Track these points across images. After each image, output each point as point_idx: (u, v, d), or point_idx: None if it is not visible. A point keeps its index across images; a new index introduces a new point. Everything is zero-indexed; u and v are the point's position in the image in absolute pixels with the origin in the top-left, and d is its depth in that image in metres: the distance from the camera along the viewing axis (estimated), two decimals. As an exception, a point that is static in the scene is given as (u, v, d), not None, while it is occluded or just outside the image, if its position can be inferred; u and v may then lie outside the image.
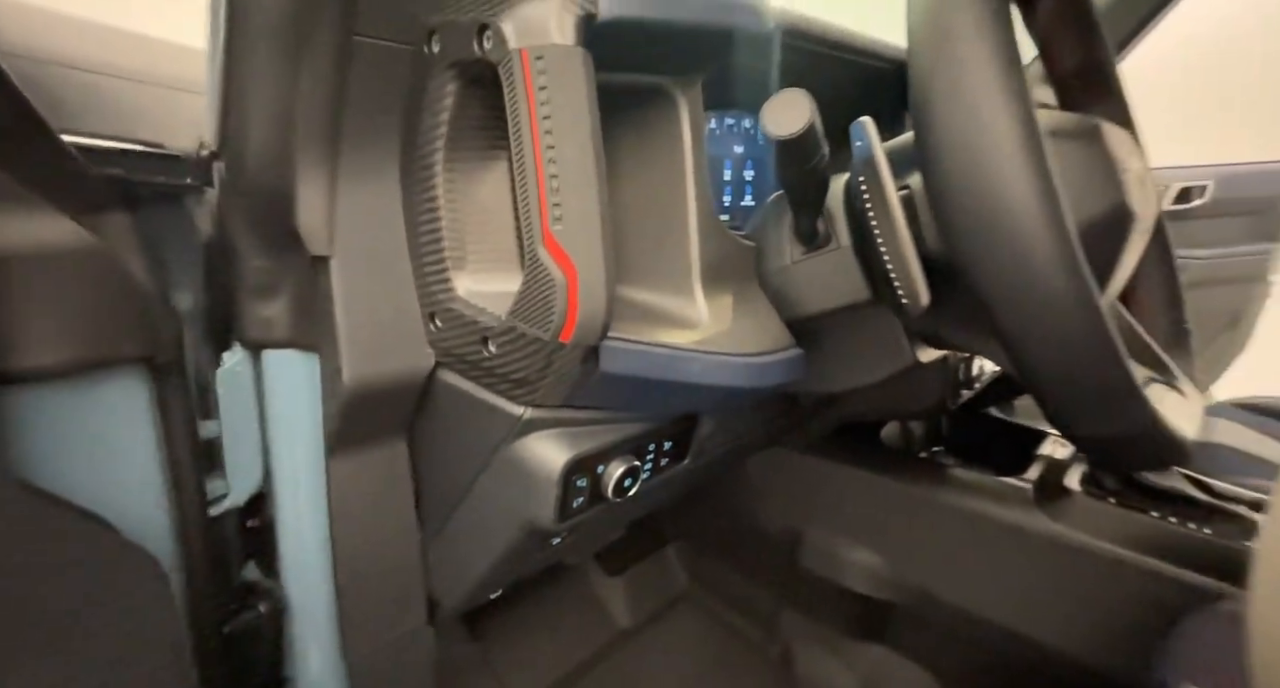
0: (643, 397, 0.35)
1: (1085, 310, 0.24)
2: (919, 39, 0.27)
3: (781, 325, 0.38)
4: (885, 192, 0.30)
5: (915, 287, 0.31)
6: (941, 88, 0.26)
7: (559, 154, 0.27)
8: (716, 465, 0.55)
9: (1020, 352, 0.27)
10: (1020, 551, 0.59)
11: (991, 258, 0.25)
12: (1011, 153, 0.24)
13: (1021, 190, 0.24)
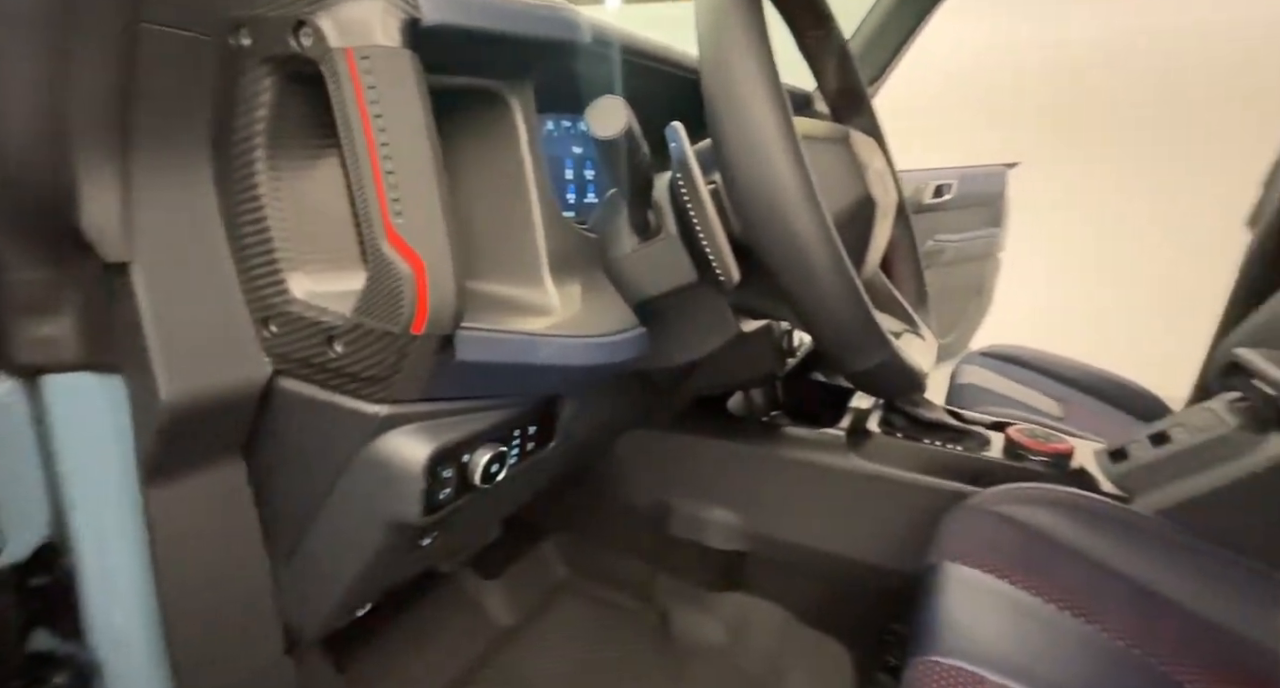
0: (502, 383, 0.36)
1: (840, 274, 0.32)
2: (705, 62, 0.33)
3: (626, 309, 0.42)
4: (697, 187, 0.35)
5: (728, 266, 0.37)
6: (724, 105, 0.32)
7: (394, 151, 0.27)
8: (586, 449, 0.58)
9: (801, 309, 0.34)
10: (839, 487, 0.71)
11: (773, 238, 0.32)
12: (779, 156, 0.31)
13: (788, 185, 0.31)
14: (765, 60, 0.31)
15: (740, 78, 0.31)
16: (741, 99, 0.31)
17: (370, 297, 0.29)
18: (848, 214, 0.40)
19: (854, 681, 0.76)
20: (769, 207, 0.31)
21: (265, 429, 0.35)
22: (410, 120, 0.27)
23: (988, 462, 0.66)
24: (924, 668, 0.39)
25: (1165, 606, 0.47)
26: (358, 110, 0.27)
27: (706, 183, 0.36)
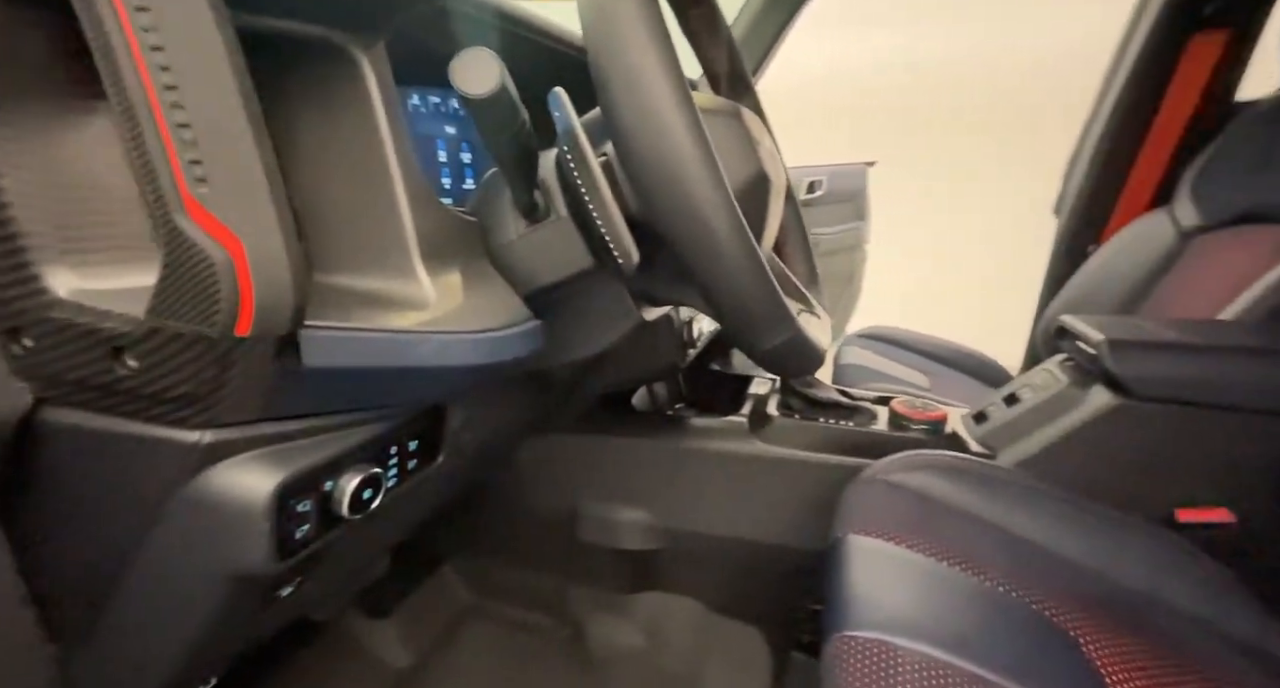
0: (371, 392, 0.30)
1: (746, 250, 0.30)
2: (592, 25, 0.30)
3: (516, 300, 0.37)
4: (587, 160, 0.32)
5: (626, 248, 0.34)
6: (615, 70, 0.29)
7: (187, 97, 0.21)
8: (482, 462, 0.52)
9: (708, 287, 0.32)
10: (746, 473, 0.72)
11: (676, 212, 0.29)
12: (678, 125, 0.28)
13: (690, 155, 0.29)
14: (657, 24, 0.29)
15: (631, 42, 0.28)
16: (634, 64, 0.28)
17: (168, 291, 0.22)
18: (744, 191, 0.38)
19: (771, 662, 0.77)
20: (670, 179, 0.29)
21: (30, 477, 0.27)
22: (206, 55, 0.21)
23: (877, 434, 0.70)
24: (841, 644, 0.40)
25: (1032, 549, 0.52)
26: (125, 45, 0.20)
27: (597, 156, 0.33)
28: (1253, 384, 0.56)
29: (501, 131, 0.30)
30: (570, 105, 0.33)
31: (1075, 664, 0.40)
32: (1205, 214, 0.93)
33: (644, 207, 0.31)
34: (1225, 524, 0.56)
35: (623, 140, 0.29)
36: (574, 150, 0.32)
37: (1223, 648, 0.44)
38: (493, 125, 0.30)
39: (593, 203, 0.33)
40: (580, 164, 0.32)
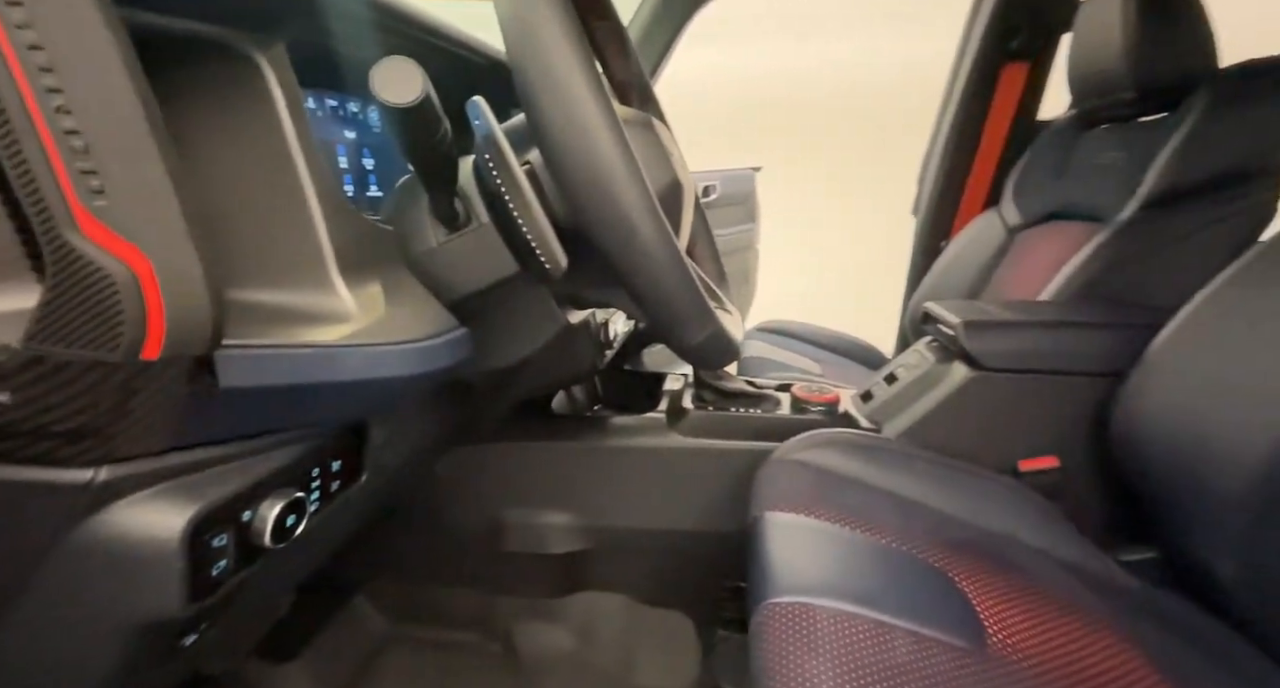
0: (293, 411, 0.28)
1: (671, 252, 0.32)
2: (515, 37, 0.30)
3: (440, 309, 0.37)
4: (511, 167, 0.33)
5: (553, 253, 0.35)
6: (541, 82, 0.30)
7: (74, 101, 0.19)
8: (400, 479, 0.50)
9: (634, 289, 0.33)
10: (666, 465, 0.75)
11: (604, 219, 0.31)
12: (605, 135, 0.30)
13: (617, 165, 0.30)
14: (578, 36, 0.30)
15: (556, 54, 0.29)
16: (560, 76, 0.29)
17: (55, 315, 0.20)
18: (662, 198, 0.40)
19: (699, 643, 0.81)
20: (601, 188, 0.30)
21: None
22: (95, 55, 0.19)
23: (782, 419, 0.76)
24: (766, 612, 0.43)
25: (914, 507, 0.59)
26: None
27: (520, 164, 0.34)
28: (1072, 352, 0.68)
29: (423, 141, 0.30)
30: (491, 114, 0.33)
31: (955, 600, 0.46)
32: (1024, 214, 1.12)
33: (572, 213, 0.32)
34: (1053, 469, 0.68)
35: (552, 151, 0.30)
36: (496, 158, 0.33)
37: (1057, 570, 0.54)
38: (415, 134, 0.29)
39: (518, 210, 0.33)
40: (504, 172, 0.33)
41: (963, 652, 0.40)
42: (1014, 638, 0.43)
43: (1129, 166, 0.88)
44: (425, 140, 0.30)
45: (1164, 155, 0.80)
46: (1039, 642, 0.43)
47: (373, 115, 0.46)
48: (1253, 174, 0.76)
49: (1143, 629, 0.47)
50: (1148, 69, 0.85)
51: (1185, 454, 0.54)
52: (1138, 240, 0.81)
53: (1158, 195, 0.80)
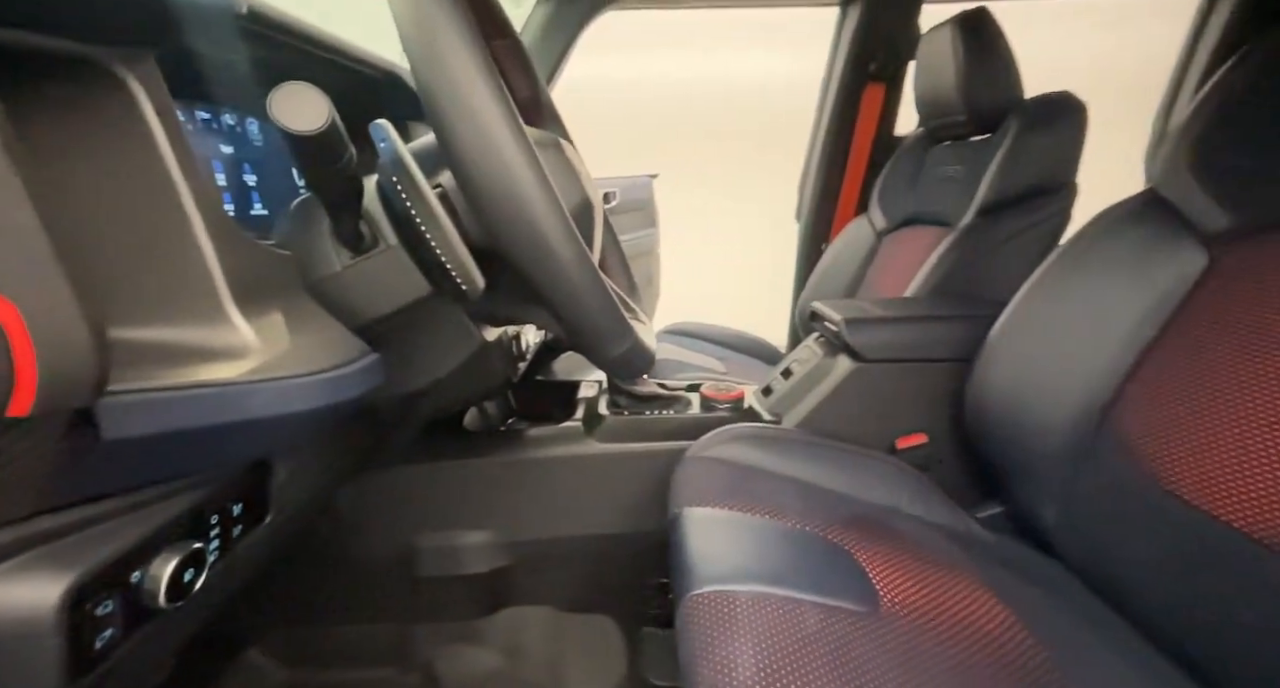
0: (187, 456, 0.26)
1: (589, 269, 0.34)
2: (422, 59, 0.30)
3: (349, 335, 0.35)
4: (422, 191, 0.32)
5: (470, 274, 0.35)
6: (453, 105, 0.30)
7: None
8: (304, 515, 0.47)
9: (555, 308, 0.34)
10: (585, 473, 0.76)
11: (523, 239, 0.32)
12: (519, 158, 0.31)
13: (533, 186, 0.31)
14: (484, 58, 0.30)
15: (465, 78, 0.29)
16: (472, 102, 0.29)
17: None
18: (575, 217, 0.42)
19: (625, 643, 0.83)
20: (517, 211, 0.31)
21: None
22: None
23: (693, 418, 0.80)
24: (691, 603, 0.46)
25: (814, 490, 0.66)
26: None
27: (431, 186, 0.33)
28: (934, 342, 0.79)
29: (328, 167, 0.28)
30: (397, 136, 0.32)
31: (852, 571, 0.52)
32: (888, 218, 1.26)
33: (488, 236, 0.32)
34: (923, 445, 0.78)
35: (468, 177, 0.30)
36: (406, 182, 0.32)
37: (929, 532, 0.63)
38: (320, 161, 0.28)
39: (431, 233, 0.33)
40: (414, 196, 0.32)
41: (861, 616, 0.46)
42: (900, 597, 0.49)
43: (967, 179, 1.03)
44: (330, 166, 0.29)
45: (991, 170, 0.95)
46: (919, 598, 0.50)
47: (252, 128, 0.43)
48: (1053, 188, 0.93)
49: (995, 574, 0.56)
50: (974, 96, 1.00)
51: (1018, 423, 0.65)
52: (976, 243, 0.95)
53: (989, 204, 0.95)
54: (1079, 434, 0.59)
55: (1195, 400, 0.51)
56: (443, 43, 0.29)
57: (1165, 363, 0.55)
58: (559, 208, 0.32)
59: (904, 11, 1.26)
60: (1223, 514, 0.46)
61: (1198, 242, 0.57)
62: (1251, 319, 0.50)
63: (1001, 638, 0.47)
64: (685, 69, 2.64)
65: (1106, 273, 0.62)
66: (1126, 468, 0.54)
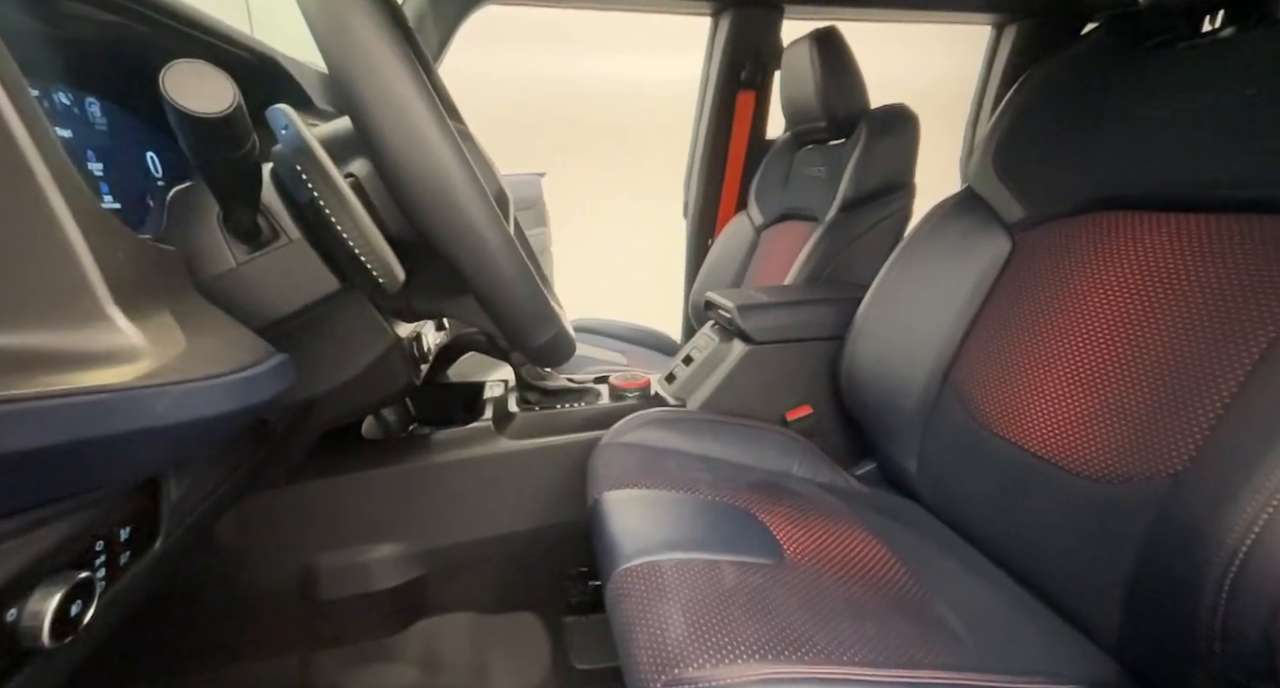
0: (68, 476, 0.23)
1: (517, 257, 0.34)
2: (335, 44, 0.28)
3: (252, 335, 0.32)
4: (335, 182, 0.31)
5: (389, 267, 0.34)
6: (373, 91, 0.28)
7: None
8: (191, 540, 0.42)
9: (485, 297, 0.34)
10: (498, 471, 0.75)
11: (452, 229, 0.31)
12: (444, 146, 0.30)
13: (460, 174, 0.30)
14: (404, 47, 0.29)
15: (388, 66, 0.28)
16: (397, 91, 0.28)
17: None
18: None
19: (549, 636, 0.84)
20: (446, 200, 0.30)
21: None
22: None
23: (604, 408, 0.82)
24: (620, 577, 0.48)
25: (719, 463, 0.71)
26: None
27: (344, 176, 0.32)
28: (813, 323, 0.88)
29: (228, 153, 0.26)
30: (300, 122, 0.30)
31: (759, 531, 0.58)
32: (764, 215, 1.38)
33: (412, 224, 0.31)
34: (809, 415, 0.87)
35: (393, 166, 0.29)
36: (315, 172, 0.30)
37: (818, 491, 0.71)
38: (220, 147, 0.26)
39: (344, 226, 0.31)
40: (324, 186, 0.31)
41: (770, 567, 0.51)
42: (800, 548, 0.56)
43: (829, 179, 1.16)
44: (229, 153, 0.26)
45: (848, 172, 1.08)
46: (815, 546, 0.57)
47: (93, 109, 0.37)
48: (898, 187, 1.08)
49: (871, 519, 0.65)
50: (831, 105, 1.13)
51: (883, 389, 0.75)
52: (840, 235, 1.07)
53: (848, 201, 1.07)
54: (929, 393, 0.70)
55: (1007, 356, 0.63)
56: (359, 25, 0.28)
57: (986, 328, 0.68)
58: (485, 195, 0.32)
59: (767, 26, 1.37)
60: (1031, 447, 0.58)
61: (1003, 230, 0.70)
62: (1042, 288, 0.63)
63: (880, 570, 0.55)
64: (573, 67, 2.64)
65: (940, 258, 0.74)
66: (962, 416, 0.66)
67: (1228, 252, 0.50)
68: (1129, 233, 0.58)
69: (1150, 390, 0.50)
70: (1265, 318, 0.44)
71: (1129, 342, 0.53)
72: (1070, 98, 0.66)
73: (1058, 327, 0.60)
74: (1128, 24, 0.64)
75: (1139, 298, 0.54)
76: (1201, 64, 0.54)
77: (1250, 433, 0.40)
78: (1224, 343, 0.46)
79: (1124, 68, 0.61)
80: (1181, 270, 0.52)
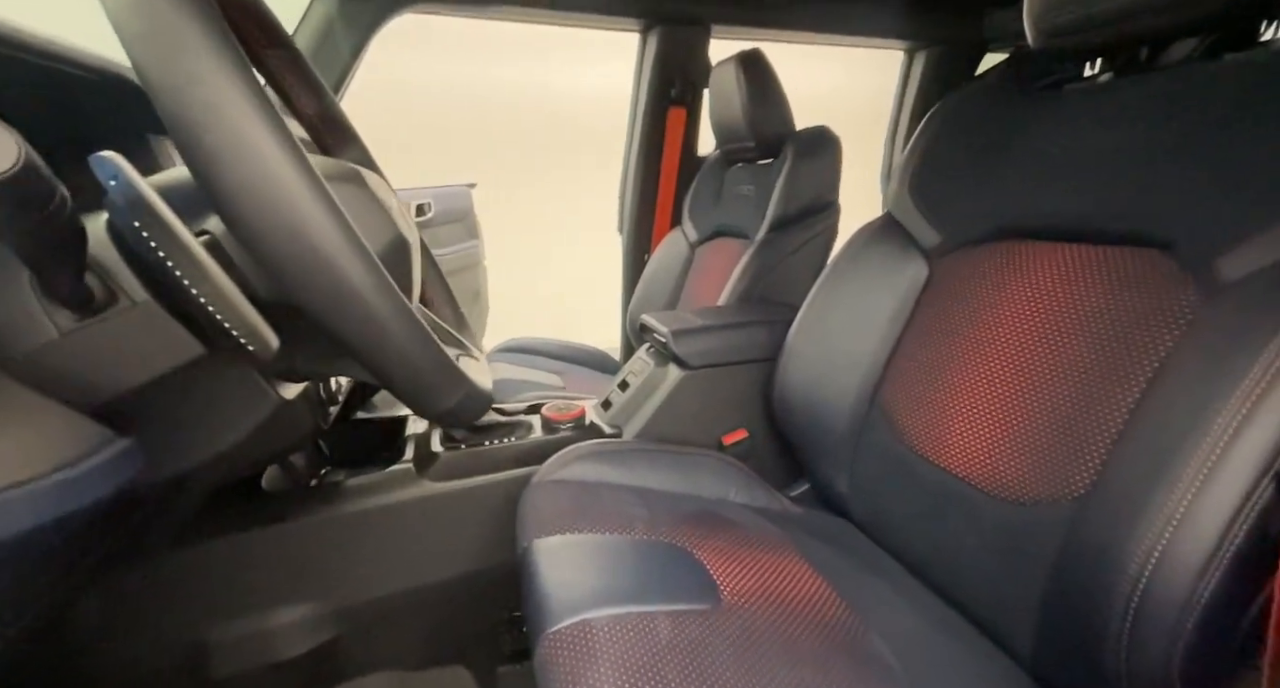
0: None
1: (409, 321, 0.30)
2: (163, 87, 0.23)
3: (79, 419, 0.27)
4: (183, 242, 0.26)
5: (259, 333, 0.29)
6: (212, 142, 0.24)
7: None
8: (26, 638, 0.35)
9: (373, 367, 0.30)
10: (422, 517, 0.70)
11: (324, 294, 0.27)
12: (312, 201, 0.26)
13: (333, 234, 0.26)
14: (246, 69, 0.25)
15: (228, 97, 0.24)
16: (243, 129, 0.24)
17: None
18: (388, 259, 0.37)
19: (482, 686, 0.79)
20: (315, 265, 0.26)
21: None
22: None
23: (536, 442, 0.79)
24: (548, 641, 0.45)
25: (655, 495, 0.70)
26: None
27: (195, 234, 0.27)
28: (746, 345, 0.88)
29: (28, 214, 0.21)
30: (134, 173, 0.25)
31: (695, 571, 0.57)
32: (699, 232, 1.39)
33: (285, 289, 0.27)
34: (745, 439, 0.88)
35: (245, 228, 0.25)
36: (157, 229, 0.25)
37: (753, 516, 0.71)
38: (16, 212, 0.21)
39: (199, 288, 0.27)
40: (171, 248, 0.26)
41: (706, 614, 0.49)
42: (737, 586, 0.55)
43: (758, 197, 1.17)
44: (29, 214, 0.21)
45: (776, 192, 1.10)
46: (752, 583, 0.56)
47: None
48: (824, 207, 1.11)
49: (806, 544, 0.66)
50: (758, 126, 1.15)
51: (813, 410, 0.76)
52: (771, 254, 1.09)
53: (777, 221, 1.09)
54: (857, 415, 0.72)
55: (928, 379, 0.66)
56: (189, 56, 0.23)
57: (908, 351, 0.70)
58: (366, 254, 0.28)
59: (694, 44, 1.39)
60: (952, 468, 0.60)
61: (921, 255, 0.72)
62: (956, 314, 0.66)
63: (815, 604, 0.55)
64: (507, 77, 2.58)
65: (863, 282, 0.76)
66: (889, 438, 0.67)
67: (1115, 282, 0.53)
68: (1030, 262, 0.61)
69: (1052, 416, 0.53)
70: (1149, 348, 0.47)
71: (1031, 368, 0.56)
72: (974, 131, 0.69)
73: (970, 351, 0.63)
74: (1022, 64, 0.68)
75: (1039, 325, 0.57)
76: (1085, 106, 0.58)
77: (1141, 461, 0.42)
78: (1114, 372, 0.49)
79: (1020, 105, 0.65)
80: (1076, 299, 0.55)
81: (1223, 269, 0.44)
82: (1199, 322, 0.44)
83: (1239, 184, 0.44)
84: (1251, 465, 0.35)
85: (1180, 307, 0.46)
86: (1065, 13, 0.54)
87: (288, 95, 0.46)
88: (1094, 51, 0.59)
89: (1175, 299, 0.47)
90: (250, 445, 0.41)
